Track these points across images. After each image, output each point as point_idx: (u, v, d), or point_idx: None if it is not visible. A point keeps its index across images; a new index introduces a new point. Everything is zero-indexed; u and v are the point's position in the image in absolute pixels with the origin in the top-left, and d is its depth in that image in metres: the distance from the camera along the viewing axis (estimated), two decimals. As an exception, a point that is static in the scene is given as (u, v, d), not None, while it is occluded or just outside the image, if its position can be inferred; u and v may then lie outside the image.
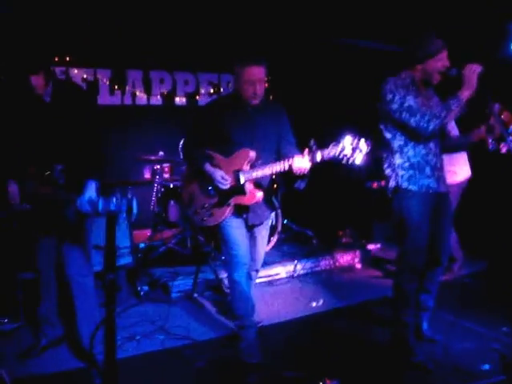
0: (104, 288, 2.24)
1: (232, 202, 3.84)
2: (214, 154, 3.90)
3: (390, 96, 3.65)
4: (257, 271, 4.30)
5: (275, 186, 6.60)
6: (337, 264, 6.03)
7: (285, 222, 6.43)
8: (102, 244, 4.76)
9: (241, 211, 3.90)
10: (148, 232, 6.16)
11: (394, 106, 3.64)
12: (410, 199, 3.75)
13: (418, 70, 3.70)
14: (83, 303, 3.69)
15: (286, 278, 5.65)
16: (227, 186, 3.81)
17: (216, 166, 3.84)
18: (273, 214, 6.09)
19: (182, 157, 4.11)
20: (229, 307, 4.29)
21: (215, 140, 3.88)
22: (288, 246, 6.35)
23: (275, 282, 5.55)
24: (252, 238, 4.07)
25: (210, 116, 3.88)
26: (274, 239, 6.03)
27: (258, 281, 5.42)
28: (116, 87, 6.64)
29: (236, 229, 3.90)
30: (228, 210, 3.85)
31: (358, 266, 6.11)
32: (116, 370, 2.38)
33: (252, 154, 3.76)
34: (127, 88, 6.74)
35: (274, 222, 6.12)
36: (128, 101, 6.83)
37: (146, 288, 5.04)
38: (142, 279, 5.22)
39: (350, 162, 3.48)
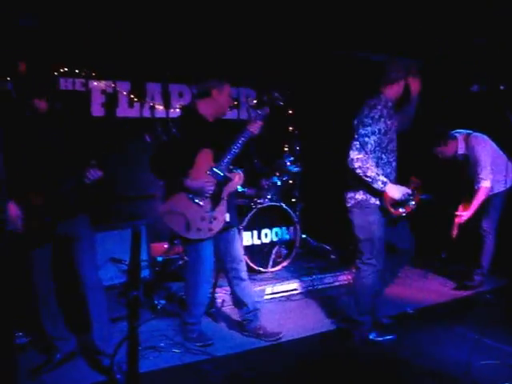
0: (127, 304, 2.22)
1: (225, 194, 4.19)
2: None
3: (368, 121, 3.95)
4: (244, 271, 4.45)
5: (293, 200, 6.63)
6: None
7: (303, 236, 6.40)
8: (118, 257, 4.91)
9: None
10: (165, 245, 6.14)
11: (361, 131, 3.95)
12: (373, 214, 4.06)
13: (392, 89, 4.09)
14: (98, 306, 3.72)
15: (304, 292, 5.60)
16: (213, 187, 4.09)
17: (190, 179, 4.08)
18: (291, 229, 6.09)
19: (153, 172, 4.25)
20: (185, 308, 4.43)
21: (184, 152, 4.09)
22: (306, 261, 6.32)
23: (293, 296, 5.50)
24: (227, 237, 4.34)
25: (181, 132, 4.10)
26: (292, 254, 5.99)
27: (275, 296, 5.43)
28: (135, 100, 6.66)
29: (210, 249, 4.22)
30: (225, 206, 4.18)
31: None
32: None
33: (210, 150, 4.15)
34: (146, 100, 6.76)
35: (291, 237, 6.10)
36: (147, 113, 6.84)
37: (163, 302, 5.02)
38: (159, 293, 5.22)
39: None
